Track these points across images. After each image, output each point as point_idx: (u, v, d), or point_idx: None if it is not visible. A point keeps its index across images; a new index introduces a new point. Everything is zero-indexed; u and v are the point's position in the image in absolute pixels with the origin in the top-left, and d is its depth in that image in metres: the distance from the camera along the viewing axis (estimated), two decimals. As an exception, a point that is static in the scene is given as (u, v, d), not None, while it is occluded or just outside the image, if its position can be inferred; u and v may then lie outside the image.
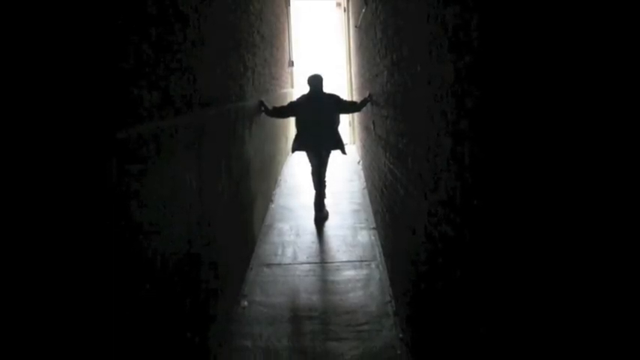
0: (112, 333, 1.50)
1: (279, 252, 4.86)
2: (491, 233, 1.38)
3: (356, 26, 7.50)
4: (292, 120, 6.47)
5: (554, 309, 1.01)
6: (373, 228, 5.35)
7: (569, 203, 0.93)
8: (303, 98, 5.79)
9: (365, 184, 6.99)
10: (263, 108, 5.56)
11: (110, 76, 1.55)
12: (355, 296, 3.88)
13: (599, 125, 0.83)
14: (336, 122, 5.82)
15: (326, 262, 4.59)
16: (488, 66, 1.36)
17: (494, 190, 1.34)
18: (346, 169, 8.14)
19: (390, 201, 3.88)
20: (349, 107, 5.98)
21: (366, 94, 5.87)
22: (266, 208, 6.05)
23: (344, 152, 5.94)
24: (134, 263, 1.70)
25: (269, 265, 4.54)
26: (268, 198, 6.35)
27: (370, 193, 6.16)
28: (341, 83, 11.34)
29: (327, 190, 5.94)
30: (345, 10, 10.71)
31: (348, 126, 10.80)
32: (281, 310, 3.71)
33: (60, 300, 1.22)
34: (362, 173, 7.64)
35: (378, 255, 4.64)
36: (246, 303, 3.81)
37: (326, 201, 5.91)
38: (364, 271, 4.33)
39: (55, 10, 1.25)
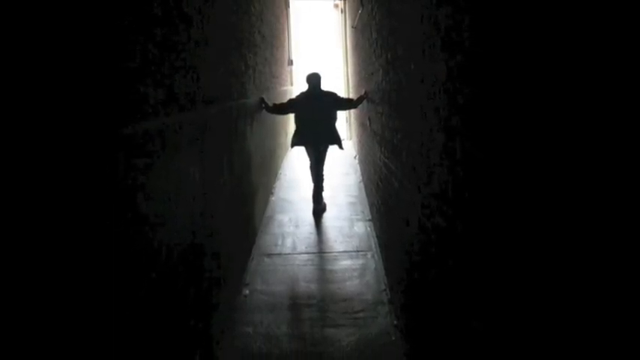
0: (117, 321, 1.50)
1: (279, 242, 4.86)
2: (482, 224, 1.38)
3: (353, 27, 7.47)
4: (292, 116, 6.46)
5: (541, 296, 1.02)
6: (369, 220, 5.35)
7: (554, 196, 0.93)
8: (302, 96, 5.78)
9: (361, 177, 6.99)
10: (264, 105, 5.55)
11: (117, 74, 1.55)
12: (352, 285, 3.89)
13: (580, 123, 0.83)
14: (334, 118, 5.82)
15: (324, 252, 4.60)
16: (478, 65, 1.35)
17: (484, 183, 1.35)
18: (343, 164, 8.14)
19: (385, 194, 3.88)
20: (346, 104, 5.97)
21: (362, 92, 5.86)
22: (266, 200, 6.05)
23: (341, 147, 5.94)
24: (140, 253, 1.70)
25: (269, 255, 4.54)
26: (269, 191, 6.35)
27: (366, 187, 6.16)
28: (338, 81, 11.32)
29: (324, 184, 5.95)
30: (342, 11, 10.67)
31: (345, 122, 10.79)
32: (281, 298, 3.72)
33: (62, 293, 1.22)
34: (358, 167, 7.64)
35: (373, 245, 4.64)
36: (247, 291, 3.82)
37: (324, 194, 5.91)
38: (360, 261, 4.34)
39: (64, 11, 1.25)
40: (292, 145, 5.98)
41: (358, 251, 4.56)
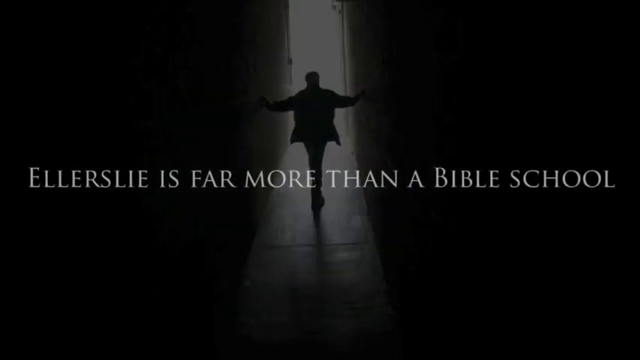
0: (120, 314, 1.50)
1: (279, 235, 4.86)
2: (476, 219, 1.38)
3: (350, 27, 7.45)
4: (291, 114, 6.45)
5: (533, 288, 1.02)
6: (366, 213, 5.36)
7: (546, 190, 0.93)
8: (301, 94, 5.78)
9: (358, 172, 6.99)
10: (264, 103, 5.54)
11: (122, 72, 1.54)
12: (349, 276, 3.89)
13: (570, 119, 0.83)
14: (332, 116, 5.83)
15: (322, 245, 4.60)
16: (472, 64, 1.35)
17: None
18: (341, 159, 8.14)
19: (382, 188, 3.89)
20: (344, 102, 5.97)
21: (359, 90, 5.85)
22: (267, 194, 6.05)
23: (339, 143, 5.95)
24: (145, 247, 1.70)
25: (270, 247, 4.55)
26: (269, 185, 6.35)
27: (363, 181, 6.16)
28: (336, 80, 11.30)
29: (323, 179, 5.95)
30: (339, 12, 10.64)
31: (342, 119, 10.79)
32: (281, 289, 3.72)
33: (68, 287, 1.22)
34: (355, 163, 7.64)
35: (370, 238, 4.65)
36: (248, 282, 3.82)
37: (322, 188, 5.92)
38: (357, 253, 4.34)
39: (71, 12, 1.24)
40: (292, 142, 5.98)
41: (355, 244, 4.57)
